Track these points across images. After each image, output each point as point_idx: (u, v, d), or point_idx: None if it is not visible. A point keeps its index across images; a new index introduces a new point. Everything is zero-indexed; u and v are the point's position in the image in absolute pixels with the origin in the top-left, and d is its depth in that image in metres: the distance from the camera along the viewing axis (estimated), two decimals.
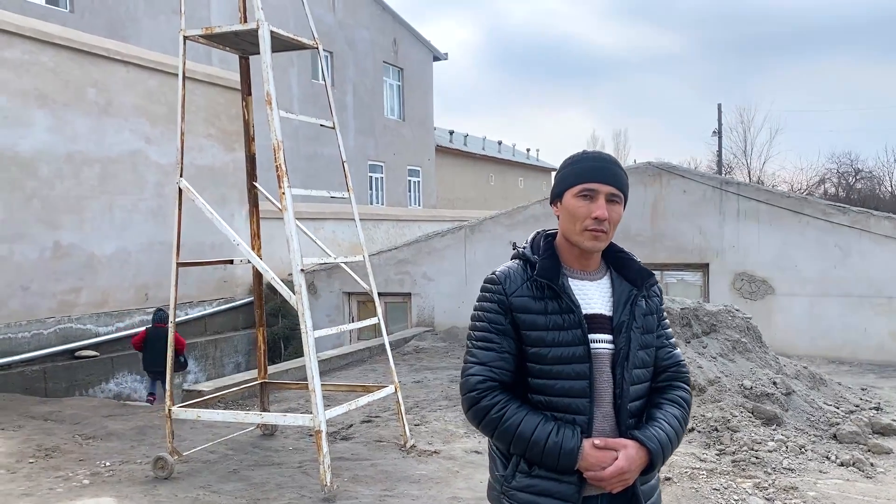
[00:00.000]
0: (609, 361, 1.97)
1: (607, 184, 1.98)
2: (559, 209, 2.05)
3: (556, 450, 1.87)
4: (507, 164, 37.76)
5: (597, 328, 1.98)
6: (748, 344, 6.67)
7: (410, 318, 12.00)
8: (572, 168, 2.04)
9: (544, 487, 1.92)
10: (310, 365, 4.75)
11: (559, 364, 1.94)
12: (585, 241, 1.98)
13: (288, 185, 4.84)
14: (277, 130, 4.79)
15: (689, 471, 4.92)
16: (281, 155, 4.83)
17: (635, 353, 1.98)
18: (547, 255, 2.04)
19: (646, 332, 2.03)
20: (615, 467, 1.86)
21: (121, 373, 9.14)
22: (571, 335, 1.94)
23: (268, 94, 4.83)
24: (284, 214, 4.83)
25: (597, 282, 2.07)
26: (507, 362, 1.97)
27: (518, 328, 1.98)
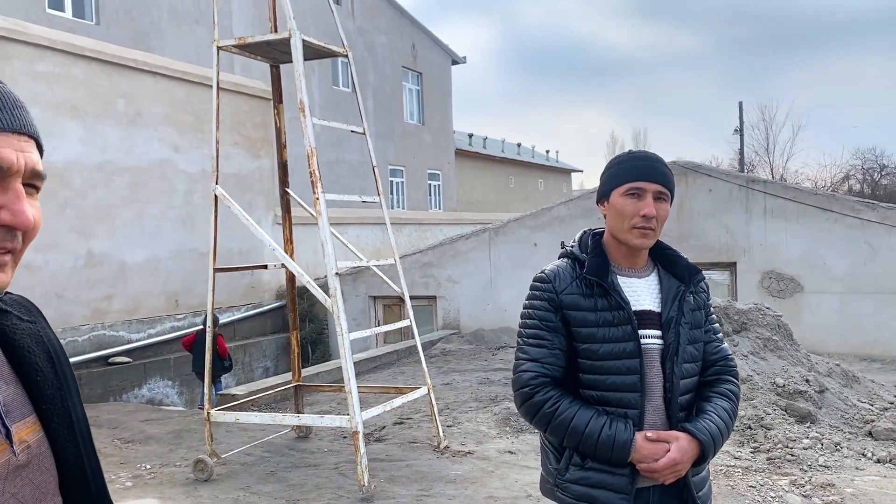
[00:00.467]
0: (659, 356, 2.03)
1: (654, 182, 2.03)
2: (606, 208, 2.10)
3: (609, 442, 1.92)
4: (527, 166, 37.67)
5: (646, 324, 2.04)
6: (779, 342, 6.67)
7: (436, 321, 12.05)
8: (619, 167, 2.10)
9: (598, 479, 1.97)
10: (346, 366, 4.83)
11: (610, 359, 2.00)
12: (633, 239, 2.04)
13: (322, 191, 4.93)
14: (311, 137, 4.88)
15: (725, 468, 4.94)
16: (314, 161, 4.92)
17: (684, 348, 2.03)
18: (595, 253, 2.09)
19: (694, 327, 2.08)
20: (668, 459, 1.91)
21: (153, 378, 9.28)
22: (622, 331, 2.00)
23: (301, 102, 4.93)
24: (319, 219, 4.92)
25: (645, 279, 2.12)
26: (558, 358, 2.03)
27: (568, 325, 2.04)
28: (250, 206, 10.98)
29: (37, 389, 1.03)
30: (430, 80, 27.58)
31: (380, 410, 5.18)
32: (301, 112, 4.91)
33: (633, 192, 2.03)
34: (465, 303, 11.71)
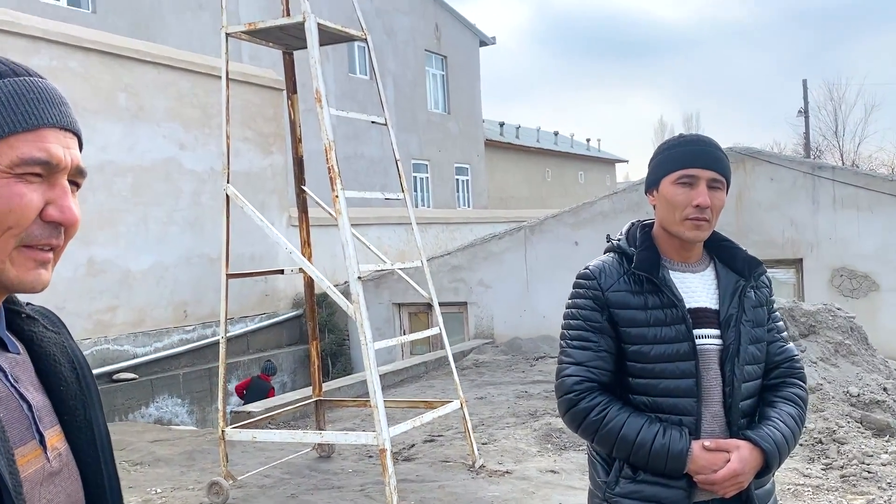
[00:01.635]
0: (717, 358, 2.02)
1: (708, 168, 2.04)
2: (656, 198, 2.11)
3: (663, 452, 1.92)
4: (565, 157, 37.54)
5: (703, 323, 2.04)
6: (852, 346, 6.58)
7: (467, 330, 12.07)
8: (669, 153, 2.11)
9: (651, 493, 1.97)
10: (371, 378, 4.87)
11: (663, 362, 2.01)
12: (686, 231, 2.04)
13: (341, 188, 4.98)
14: (329, 129, 4.94)
15: (793, 487, 4.89)
16: (333, 156, 4.97)
17: (746, 349, 2.02)
18: (644, 246, 2.10)
19: (756, 325, 2.07)
20: (728, 469, 1.90)
21: (161, 396, 9.38)
22: (675, 331, 2.01)
23: (317, 92, 4.99)
24: (339, 219, 4.97)
25: (700, 273, 2.12)
26: (605, 361, 2.03)
27: (616, 325, 2.04)
28: (263, 207, 11.08)
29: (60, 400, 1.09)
30: (456, 65, 27.57)
31: (408, 426, 5.21)
32: (317, 102, 4.96)
33: (686, 179, 2.04)
34: (500, 309, 11.72)
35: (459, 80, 27.68)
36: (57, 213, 0.99)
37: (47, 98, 1.01)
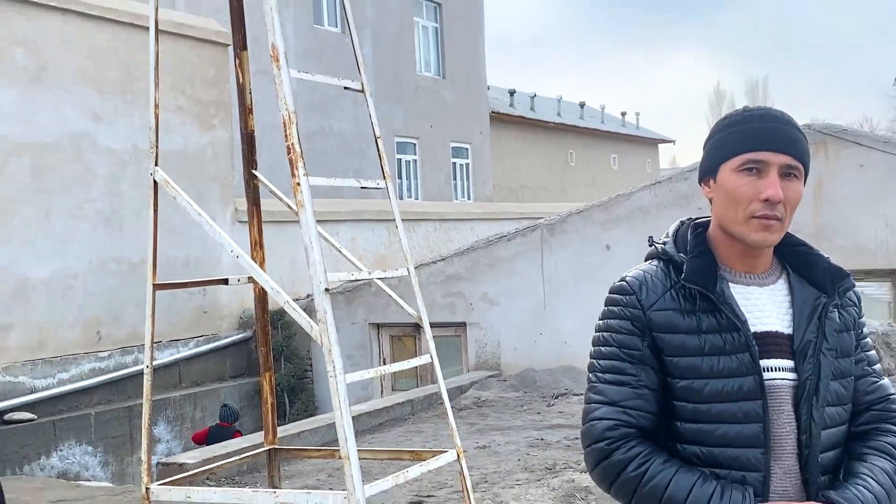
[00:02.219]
0: (791, 397, 1.99)
1: (781, 152, 2.01)
2: (713, 190, 2.08)
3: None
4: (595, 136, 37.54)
5: (772, 352, 2.00)
6: None
7: (467, 359, 12.01)
8: (730, 132, 2.07)
9: None
10: (341, 421, 4.83)
11: (720, 402, 1.97)
12: (752, 233, 2.01)
13: (304, 174, 4.93)
14: (289, 97, 4.91)
15: None
16: (294, 130, 4.94)
17: (827, 385, 1.99)
18: (698, 252, 2.08)
19: (841, 355, 2.03)
20: None
21: (67, 442, 9.29)
22: (737, 361, 1.96)
23: (273, 48, 4.97)
24: (301, 214, 4.93)
25: (769, 287, 2.09)
26: (646, 401, 2.01)
27: (661, 354, 2.02)
28: (201, 197, 11.01)
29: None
30: (454, 15, 27.54)
31: (390, 484, 5.16)
32: (274, 61, 4.94)
33: (752, 166, 2.01)
34: (509, 332, 11.71)
35: (458, 35, 27.66)
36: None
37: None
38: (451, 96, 27.06)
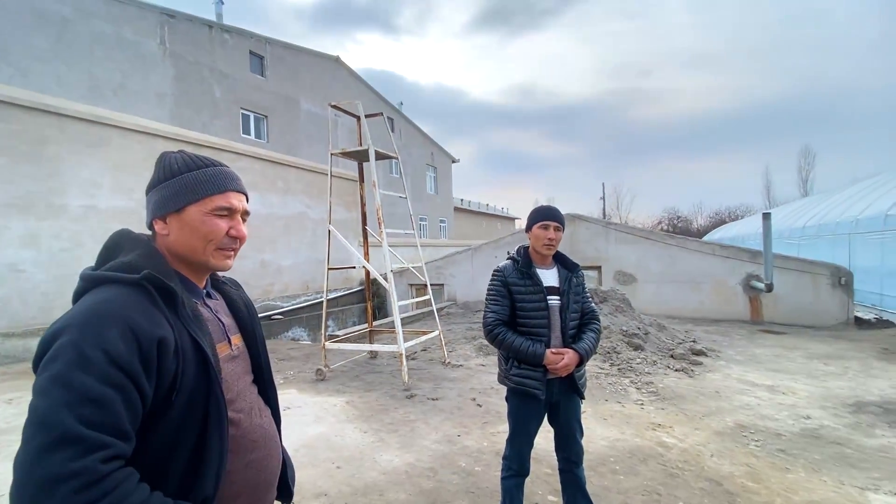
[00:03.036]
0: (558, 309, 2.00)
1: (555, 220, 2.04)
2: (530, 235, 2.08)
3: (532, 354, 1.92)
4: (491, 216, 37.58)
5: (551, 293, 2.02)
6: (624, 308, 6.62)
7: (443, 297, 11.95)
8: (537, 212, 2.08)
9: (527, 373, 1.97)
10: (396, 319, 4.81)
11: (533, 311, 1.99)
12: (544, 250, 2.04)
13: (384, 228, 4.92)
14: (378, 199, 4.89)
15: (596, 374, 4.89)
16: (380, 212, 4.92)
17: (567, 304, 2.00)
18: (524, 256, 2.08)
19: (576, 294, 2.05)
20: (563, 363, 1.91)
21: (294, 327, 9.18)
22: (538, 297, 2.00)
23: (374, 183, 4.94)
24: (383, 243, 4.92)
25: (551, 270, 2.08)
26: (505, 310, 2.01)
27: (511, 294, 2.02)
28: (347, 236, 10.96)
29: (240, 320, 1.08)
30: (441, 170, 27.55)
31: (413, 342, 5.14)
32: (374, 187, 4.92)
33: (544, 225, 2.03)
34: (459, 288, 11.59)
35: (442, 178, 27.62)
36: (234, 231, 1.00)
37: (230, 175, 1.01)
38: (439, 201, 27.05)
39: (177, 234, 0.95)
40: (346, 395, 4.41)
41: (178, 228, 0.95)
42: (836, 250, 9.91)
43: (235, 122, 14.31)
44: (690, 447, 3.23)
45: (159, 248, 0.96)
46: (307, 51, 17.37)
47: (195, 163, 0.99)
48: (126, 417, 0.76)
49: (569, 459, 2.02)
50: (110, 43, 11.27)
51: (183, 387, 0.84)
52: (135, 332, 0.79)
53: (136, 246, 0.93)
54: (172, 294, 0.88)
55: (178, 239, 0.96)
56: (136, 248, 0.92)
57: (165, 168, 0.97)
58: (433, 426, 3.57)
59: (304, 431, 3.47)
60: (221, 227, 0.98)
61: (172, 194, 0.95)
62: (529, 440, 2.00)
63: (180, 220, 0.95)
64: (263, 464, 0.99)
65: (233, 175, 1.03)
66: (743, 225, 22.59)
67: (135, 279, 0.85)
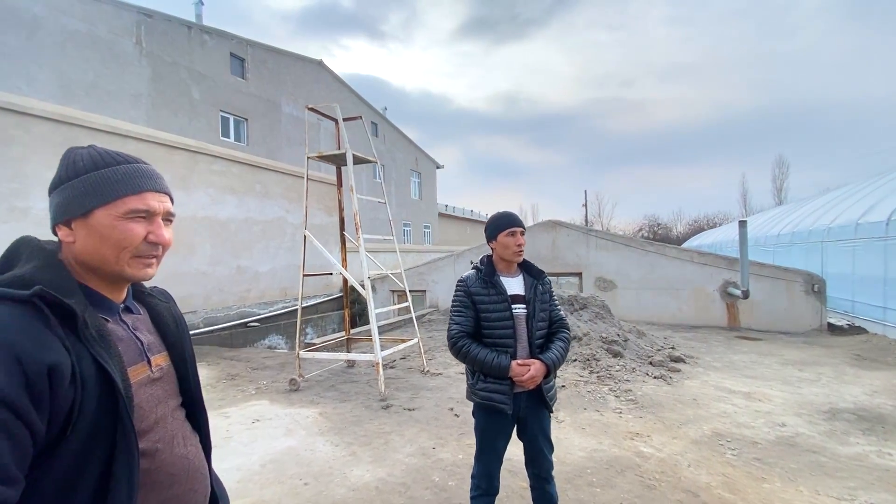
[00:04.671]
0: (524, 318, 1.91)
1: (520, 226, 1.96)
2: (496, 244, 1.98)
3: (497, 367, 1.83)
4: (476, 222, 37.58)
5: (516, 301, 1.92)
6: (604, 315, 6.61)
7: (425, 303, 11.82)
8: (501, 220, 1.98)
9: (493, 388, 1.88)
10: (373, 327, 4.69)
11: (497, 321, 1.89)
12: (514, 258, 1.95)
13: (362, 233, 4.81)
14: (355, 205, 4.78)
15: (575, 382, 4.85)
16: (357, 217, 4.81)
17: (537, 313, 1.91)
18: (487, 265, 1.99)
19: (542, 302, 1.95)
20: (528, 375, 1.82)
21: (270, 335, 8.97)
22: (503, 306, 1.89)
23: (351, 188, 4.83)
24: (360, 248, 4.80)
25: (516, 278, 1.99)
26: (469, 321, 1.91)
27: (475, 305, 1.92)
28: (326, 242, 10.78)
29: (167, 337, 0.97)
30: (425, 176, 27.51)
31: (391, 351, 5.02)
32: (351, 192, 4.81)
33: (511, 232, 1.93)
34: (442, 294, 11.48)
35: (426, 184, 27.56)
36: (153, 237, 0.88)
37: (147, 174, 0.90)
38: (423, 206, 26.97)
39: (84, 241, 0.84)
40: (319, 406, 4.26)
41: (85, 235, 0.83)
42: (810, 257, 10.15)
43: (214, 125, 14.01)
44: (668, 457, 3.19)
45: (64, 258, 0.84)
46: (289, 54, 17.18)
47: (104, 160, 0.86)
48: (11, 459, 0.67)
49: (539, 476, 1.94)
50: (83, 42, 10.94)
51: (81, 419, 0.73)
52: (20, 360, 0.69)
53: (34, 256, 0.81)
54: (70, 312, 0.77)
55: (86, 247, 0.84)
56: (34, 259, 0.81)
57: (69, 165, 0.85)
58: (408, 438, 3.45)
59: (272, 445, 3.32)
60: (137, 233, 0.86)
61: (77, 196, 0.83)
62: (498, 457, 1.90)
63: (87, 225, 0.83)
64: (184, 500, 0.88)
65: (151, 173, 0.91)
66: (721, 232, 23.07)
67: (24, 296, 0.74)
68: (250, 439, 3.40)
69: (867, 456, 3.23)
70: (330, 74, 19.48)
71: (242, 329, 8.59)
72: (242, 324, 8.71)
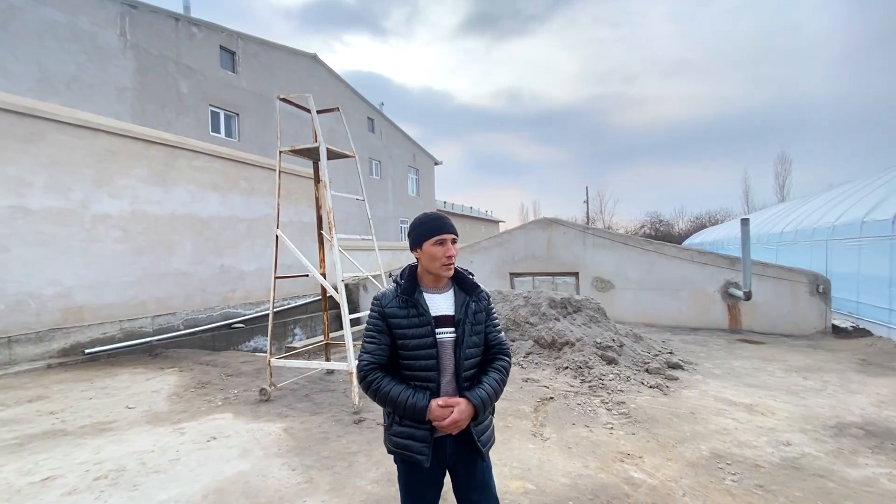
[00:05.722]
0: (452, 345, 1.57)
1: (450, 232, 1.63)
2: (421, 253, 1.64)
3: (411, 408, 1.53)
4: (475, 219, 37.29)
5: (442, 323, 1.58)
6: (598, 318, 6.30)
7: None
8: (426, 224, 1.64)
9: (408, 433, 1.57)
10: (347, 333, 4.38)
11: (418, 349, 1.56)
12: (443, 271, 1.62)
13: (335, 232, 4.49)
14: (329, 201, 4.46)
15: (564, 392, 4.55)
16: (331, 215, 4.49)
17: (467, 338, 1.58)
18: (407, 280, 1.66)
19: (476, 323, 1.61)
20: (450, 419, 1.52)
21: (255, 336, 8.69)
22: (424, 330, 1.56)
23: (324, 182, 4.52)
24: (333, 248, 4.49)
25: (444, 294, 1.65)
26: (384, 350, 1.59)
27: (391, 329, 1.60)
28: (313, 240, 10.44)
29: None
30: (423, 173, 27.21)
31: None
32: (324, 187, 4.49)
33: (440, 240, 1.62)
34: None
35: (424, 181, 27.28)
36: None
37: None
38: (421, 203, 26.65)
39: None
40: (286, 421, 3.95)
41: None
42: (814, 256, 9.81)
43: (204, 120, 13.67)
44: (661, 484, 2.87)
45: None
46: (282, 47, 16.81)
47: None
48: None
49: None
50: (64, 33, 10.59)
51: None
52: None
53: None
54: None
55: None
56: None
57: None
58: (375, 460, 3.14)
59: (221, 470, 3.01)
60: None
61: None
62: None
63: None
64: None
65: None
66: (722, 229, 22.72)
67: None
68: (199, 462, 3.09)
69: (877, 480, 2.92)
70: (324, 69, 19.10)
71: (226, 331, 8.28)
72: (226, 325, 8.41)
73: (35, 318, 6.04)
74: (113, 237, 6.92)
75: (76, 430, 3.71)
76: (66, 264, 6.34)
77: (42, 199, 6.13)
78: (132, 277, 7.12)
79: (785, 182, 35.59)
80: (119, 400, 4.51)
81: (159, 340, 7.25)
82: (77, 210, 6.47)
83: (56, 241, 6.24)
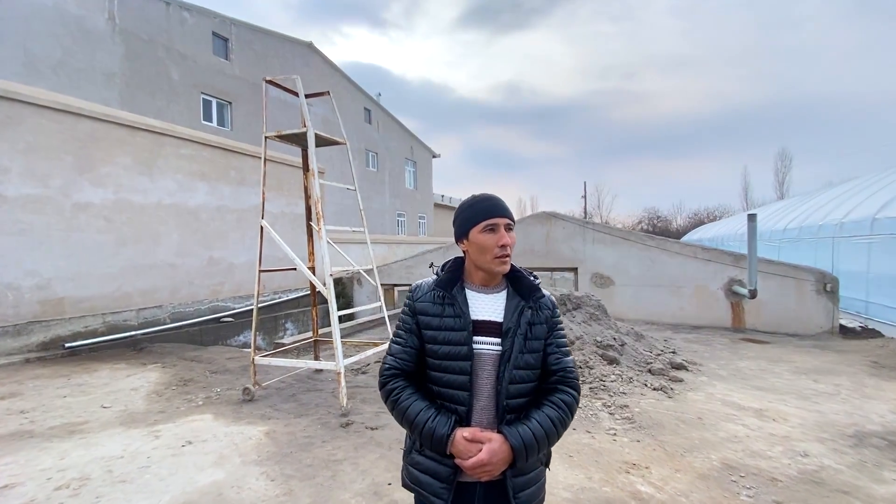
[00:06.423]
0: (494, 361, 1.24)
1: (504, 215, 1.32)
2: (468, 244, 1.36)
3: (429, 434, 1.19)
4: None
5: (486, 331, 1.25)
6: (599, 315, 6.07)
7: None
8: (477, 208, 1.33)
9: (427, 466, 1.23)
10: (335, 331, 4.14)
11: (448, 360, 1.24)
12: (496, 266, 1.33)
13: (324, 224, 4.23)
14: (317, 190, 4.20)
15: None
16: (319, 205, 4.23)
17: (518, 355, 1.23)
18: (449, 272, 1.43)
19: (532, 338, 1.26)
20: (476, 459, 1.16)
21: (245, 331, 8.44)
22: (460, 336, 1.24)
23: (312, 170, 4.25)
24: (321, 241, 4.23)
25: (493, 294, 1.32)
26: (411, 355, 1.30)
27: (420, 329, 1.33)
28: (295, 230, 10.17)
29: None
30: (420, 165, 26.88)
31: (354, 359, 4.46)
32: (312, 175, 4.22)
33: (491, 226, 1.30)
34: None
35: (422, 173, 26.97)
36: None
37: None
38: (419, 196, 26.40)
39: None
40: (269, 423, 3.71)
41: None
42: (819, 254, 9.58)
43: (195, 108, 13.32)
44: (670, 498, 2.64)
45: None
46: (277, 35, 16.40)
47: None
48: None
49: None
50: (50, 17, 10.21)
51: None
52: None
53: None
54: None
55: None
56: None
57: None
58: (362, 469, 2.90)
59: (192, 480, 2.76)
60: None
61: None
62: None
63: None
64: None
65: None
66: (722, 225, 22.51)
67: None
68: (170, 471, 2.84)
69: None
70: (320, 57, 18.70)
71: (214, 325, 8.02)
72: (214, 319, 8.15)
73: (13, 311, 5.77)
74: (95, 227, 6.63)
75: (44, 432, 3.46)
76: (46, 254, 6.06)
77: (19, 187, 5.83)
78: (116, 269, 6.84)
79: (784, 179, 35.40)
80: (94, 398, 4.25)
81: (145, 334, 6.98)
82: (57, 198, 6.18)
83: (34, 230, 5.95)
